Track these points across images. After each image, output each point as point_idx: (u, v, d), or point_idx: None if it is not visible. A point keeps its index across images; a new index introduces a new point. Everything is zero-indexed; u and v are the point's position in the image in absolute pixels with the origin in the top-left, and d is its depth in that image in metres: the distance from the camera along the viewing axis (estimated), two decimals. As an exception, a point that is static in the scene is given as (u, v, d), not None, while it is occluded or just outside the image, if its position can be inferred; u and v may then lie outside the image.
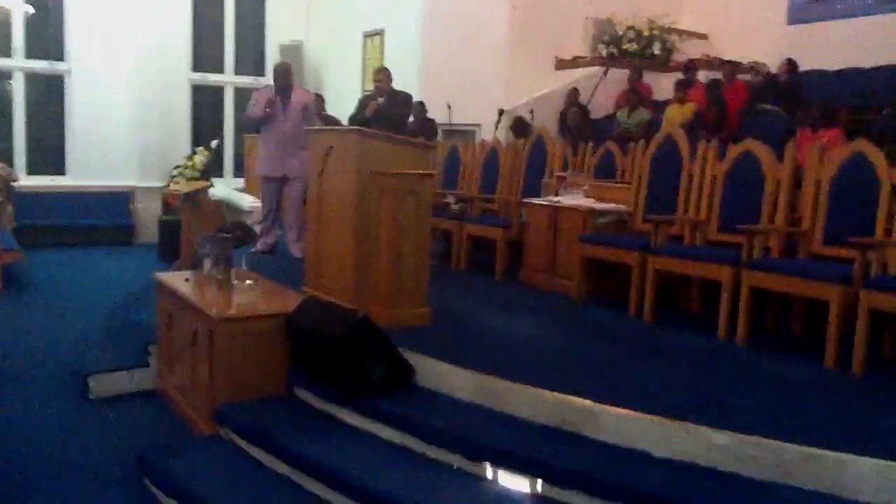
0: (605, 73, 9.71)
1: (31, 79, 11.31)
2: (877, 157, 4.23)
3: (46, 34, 11.30)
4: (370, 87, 9.26)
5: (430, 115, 8.90)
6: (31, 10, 10.94)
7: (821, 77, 8.91)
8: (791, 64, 8.31)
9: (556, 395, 3.44)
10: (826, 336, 3.86)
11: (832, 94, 8.24)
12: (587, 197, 5.81)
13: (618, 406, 3.25)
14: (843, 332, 3.82)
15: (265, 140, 6.78)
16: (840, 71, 8.94)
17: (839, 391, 3.56)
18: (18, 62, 11.10)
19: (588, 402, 3.32)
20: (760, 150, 4.80)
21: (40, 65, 11.27)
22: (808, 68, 8.72)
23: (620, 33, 10.29)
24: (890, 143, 5.22)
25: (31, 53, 11.17)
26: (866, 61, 8.67)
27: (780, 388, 3.56)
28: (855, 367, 3.74)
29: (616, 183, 6.12)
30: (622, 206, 5.52)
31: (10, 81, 11.17)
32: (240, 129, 11.54)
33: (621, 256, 4.99)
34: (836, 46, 9.18)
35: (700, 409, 3.18)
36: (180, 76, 11.86)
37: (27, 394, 4.90)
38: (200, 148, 9.40)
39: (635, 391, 3.43)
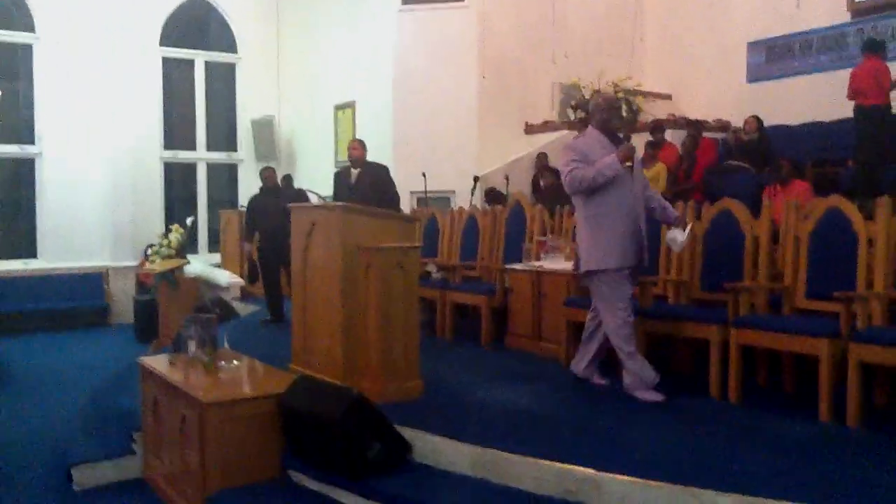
0: (578, 136, 9.85)
1: (1, 163, 11.25)
2: (852, 211, 4.33)
3: (17, 117, 11.30)
4: (343, 158, 9.36)
5: (401, 182, 8.91)
6: (-1, 93, 10.99)
7: (784, 132, 9.16)
8: (758, 121, 8.53)
9: (558, 464, 3.42)
10: (818, 389, 3.89)
11: (796, 148, 8.45)
12: (568, 260, 5.84)
13: (621, 473, 3.24)
14: (834, 384, 3.86)
15: (605, 215, 4.40)
16: (801, 125, 9.21)
17: (838, 447, 3.56)
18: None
19: (591, 471, 3.30)
20: (737, 207, 4.88)
21: (10, 149, 11.23)
22: (770, 124, 8.96)
23: (587, 97, 10.51)
24: (861, 197, 5.35)
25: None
26: (825, 115, 8.93)
27: (779, 446, 3.55)
28: (850, 421, 3.76)
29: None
30: (604, 268, 5.54)
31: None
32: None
33: (608, 319, 4.99)
34: (795, 102, 9.52)
35: (702, 473, 3.16)
36: (152, 154, 11.90)
37: (8, 491, 4.72)
38: (175, 225, 9.32)
39: (635, 457, 3.41)
